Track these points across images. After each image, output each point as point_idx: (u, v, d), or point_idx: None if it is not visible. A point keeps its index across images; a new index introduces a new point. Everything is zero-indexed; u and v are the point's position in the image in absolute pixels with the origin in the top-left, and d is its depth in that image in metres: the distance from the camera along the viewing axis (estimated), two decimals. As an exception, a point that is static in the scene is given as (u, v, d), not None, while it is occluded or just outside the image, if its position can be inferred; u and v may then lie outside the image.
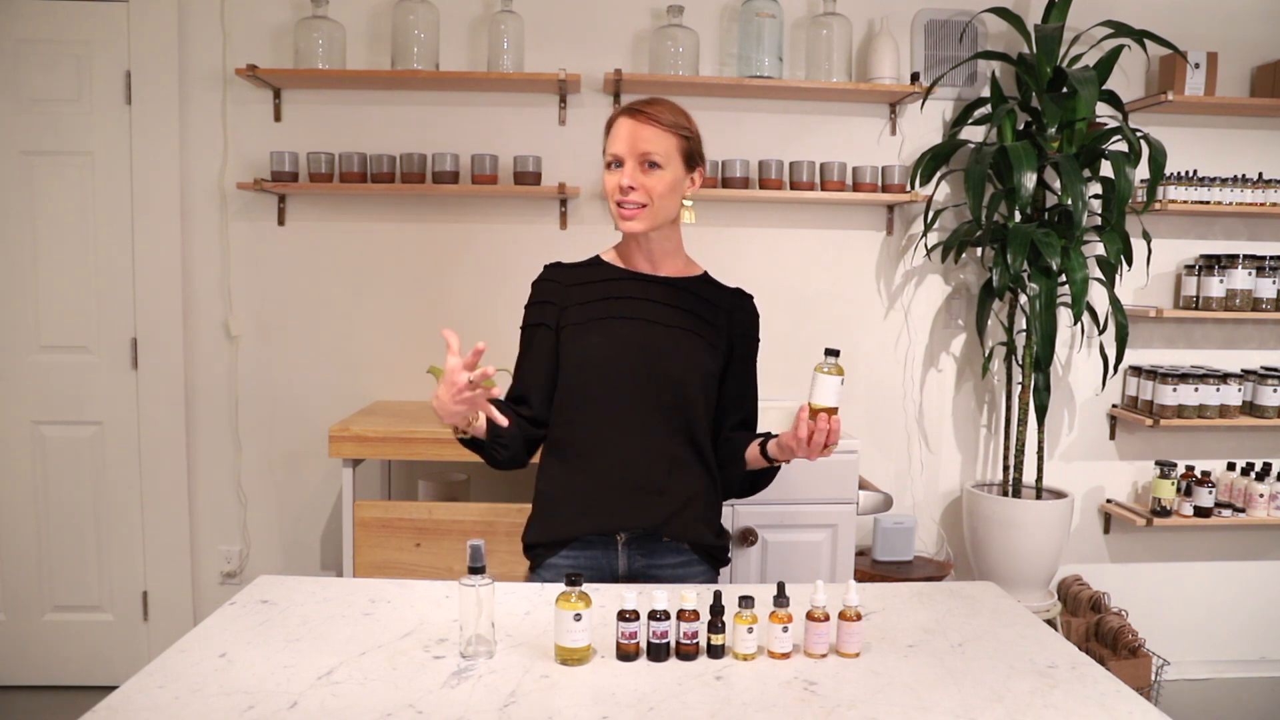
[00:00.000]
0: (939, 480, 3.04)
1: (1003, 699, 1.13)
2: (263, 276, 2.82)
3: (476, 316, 2.85)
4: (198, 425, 2.85)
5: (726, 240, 2.88)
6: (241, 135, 2.77)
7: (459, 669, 1.18)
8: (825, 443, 1.43)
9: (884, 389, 2.98)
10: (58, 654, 2.86)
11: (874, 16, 2.84)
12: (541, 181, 2.73)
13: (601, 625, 1.29)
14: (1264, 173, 2.95)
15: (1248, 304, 2.86)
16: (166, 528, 2.85)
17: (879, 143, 2.91)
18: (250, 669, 1.16)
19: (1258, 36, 2.96)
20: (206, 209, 2.79)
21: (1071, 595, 2.98)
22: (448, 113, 2.80)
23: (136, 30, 2.70)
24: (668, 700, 1.11)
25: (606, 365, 1.55)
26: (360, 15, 2.76)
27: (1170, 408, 2.82)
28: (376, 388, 2.87)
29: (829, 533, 2.36)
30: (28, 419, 2.80)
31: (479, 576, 1.20)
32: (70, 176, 2.74)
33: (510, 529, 2.34)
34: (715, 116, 2.81)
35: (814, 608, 1.24)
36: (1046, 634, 1.34)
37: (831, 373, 1.41)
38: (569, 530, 1.56)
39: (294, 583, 1.47)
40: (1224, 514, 2.87)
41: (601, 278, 1.63)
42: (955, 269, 2.96)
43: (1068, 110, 2.59)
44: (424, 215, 2.83)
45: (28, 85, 2.70)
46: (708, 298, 1.64)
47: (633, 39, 2.82)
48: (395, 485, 2.88)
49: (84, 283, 2.78)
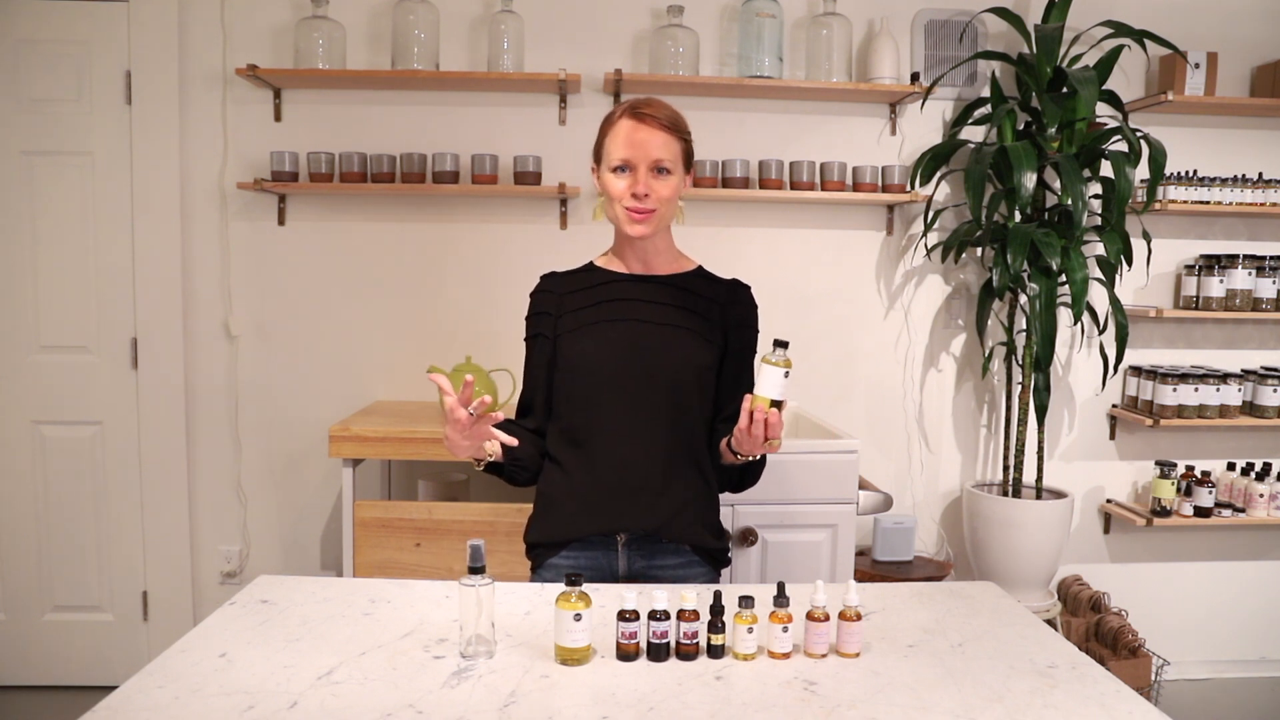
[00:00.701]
0: (939, 480, 3.04)
1: (1003, 699, 1.13)
2: (263, 276, 2.82)
3: (476, 316, 2.85)
4: (198, 425, 2.85)
5: (726, 240, 2.88)
6: (241, 135, 2.77)
7: (459, 669, 1.18)
8: (766, 436, 1.39)
9: (884, 389, 2.98)
10: (58, 654, 2.86)
11: (874, 16, 2.84)
12: (541, 181, 2.73)
13: (601, 625, 1.29)
14: (1264, 173, 2.95)
15: (1248, 304, 2.86)
16: (166, 528, 2.85)
17: (879, 143, 2.91)
18: (250, 669, 1.16)
19: (1258, 36, 2.96)
20: (206, 209, 2.79)
21: (1071, 595, 2.98)
22: (448, 113, 2.80)
23: (136, 30, 2.70)
24: (668, 700, 1.11)
25: (601, 367, 1.56)
26: (360, 15, 2.76)
27: (1170, 408, 2.82)
28: (376, 388, 2.87)
29: (829, 533, 2.36)
30: (28, 419, 2.80)
31: (479, 576, 1.20)
32: (70, 176, 2.74)
33: (510, 529, 2.34)
34: (715, 116, 2.81)
35: (814, 608, 1.24)
36: (1046, 634, 1.34)
37: (778, 364, 1.36)
38: (569, 531, 1.57)
39: (294, 583, 1.47)
40: (1224, 514, 2.87)
41: (595, 282, 1.63)
42: (955, 269, 2.96)
43: (1068, 110, 2.59)
44: (424, 215, 2.83)
45: (28, 85, 2.70)
46: (702, 292, 1.64)
47: (633, 39, 2.82)
48: (395, 485, 2.88)
49: (84, 283, 2.78)
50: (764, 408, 1.36)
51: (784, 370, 1.36)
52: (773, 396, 1.37)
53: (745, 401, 1.38)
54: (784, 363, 1.36)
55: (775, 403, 1.37)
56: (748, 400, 1.38)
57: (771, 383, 1.36)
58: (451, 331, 2.85)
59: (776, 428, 1.38)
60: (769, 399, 1.36)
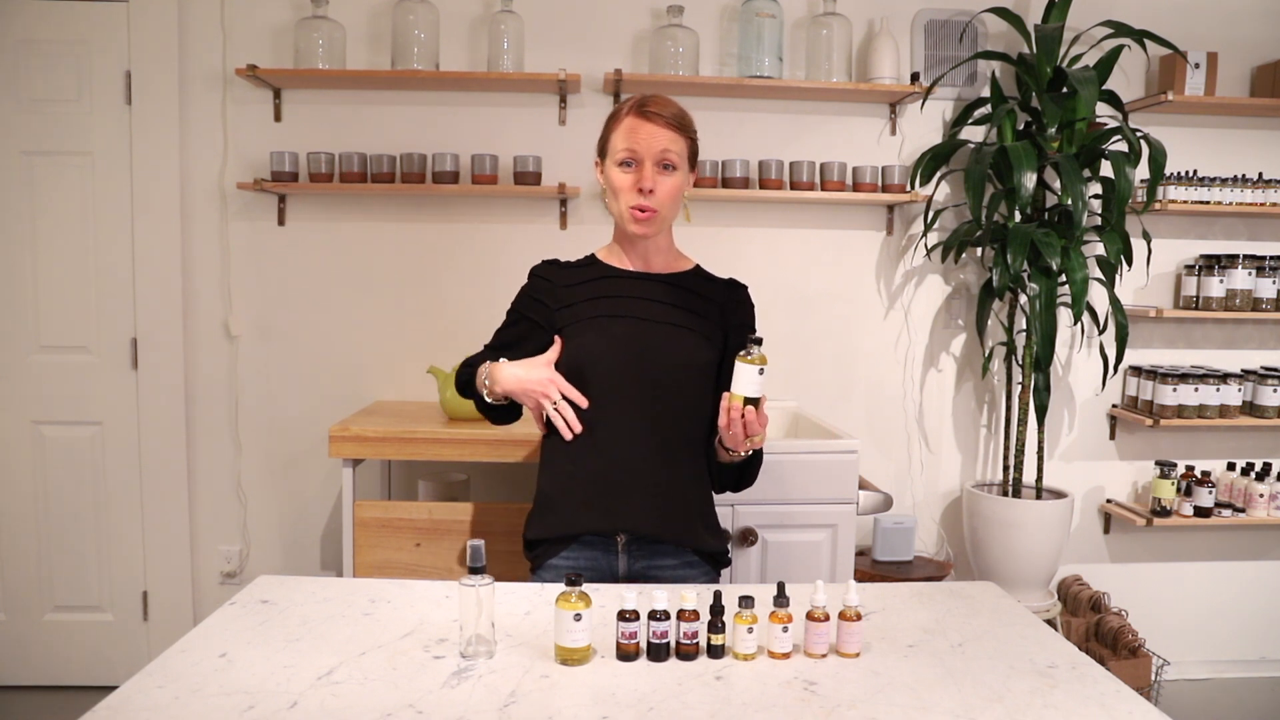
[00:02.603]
0: (939, 480, 3.04)
1: (1003, 699, 1.13)
2: (263, 276, 2.82)
3: (476, 316, 2.84)
4: (198, 425, 2.85)
5: (727, 240, 2.88)
6: (241, 135, 2.77)
7: (459, 669, 1.18)
8: (745, 434, 1.39)
9: (884, 389, 2.98)
10: (58, 654, 2.86)
11: (874, 16, 2.84)
12: (541, 181, 2.73)
13: (601, 625, 1.29)
14: (1264, 173, 2.95)
15: (1248, 304, 2.86)
16: (166, 528, 2.85)
17: (879, 143, 2.91)
18: (250, 669, 1.16)
19: (1258, 36, 2.96)
20: (206, 209, 2.79)
21: (1071, 595, 2.98)
22: (448, 113, 2.80)
23: (136, 30, 2.70)
24: (668, 700, 1.11)
25: (602, 364, 1.56)
26: (360, 15, 2.76)
27: (1170, 408, 2.82)
28: (376, 388, 2.87)
29: (829, 533, 2.36)
30: (28, 419, 2.80)
31: (479, 576, 1.20)
32: (70, 176, 2.74)
33: (510, 529, 2.33)
34: (715, 116, 2.81)
35: (814, 608, 1.24)
36: (1046, 634, 1.34)
37: (754, 361, 1.36)
38: (570, 527, 1.57)
39: (294, 583, 1.47)
40: (1224, 514, 2.87)
41: (596, 276, 1.63)
42: (955, 269, 2.96)
43: (1068, 110, 2.59)
44: (424, 215, 2.83)
45: (28, 85, 2.70)
46: (700, 291, 1.64)
47: (633, 39, 2.82)
48: (395, 485, 2.88)
49: (84, 283, 2.78)
50: (739, 405, 1.37)
51: (758, 368, 1.36)
52: (747, 394, 1.37)
53: (723, 399, 1.39)
54: (758, 360, 1.36)
55: (751, 400, 1.37)
56: (725, 398, 1.39)
57: (746, 380, 1.37)
58: (451, 331, 2.85)
59: (755, 425, 1.38)
60: (743, 396, 1.37)
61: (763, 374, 1.37)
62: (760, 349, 1.37)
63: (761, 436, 1.40)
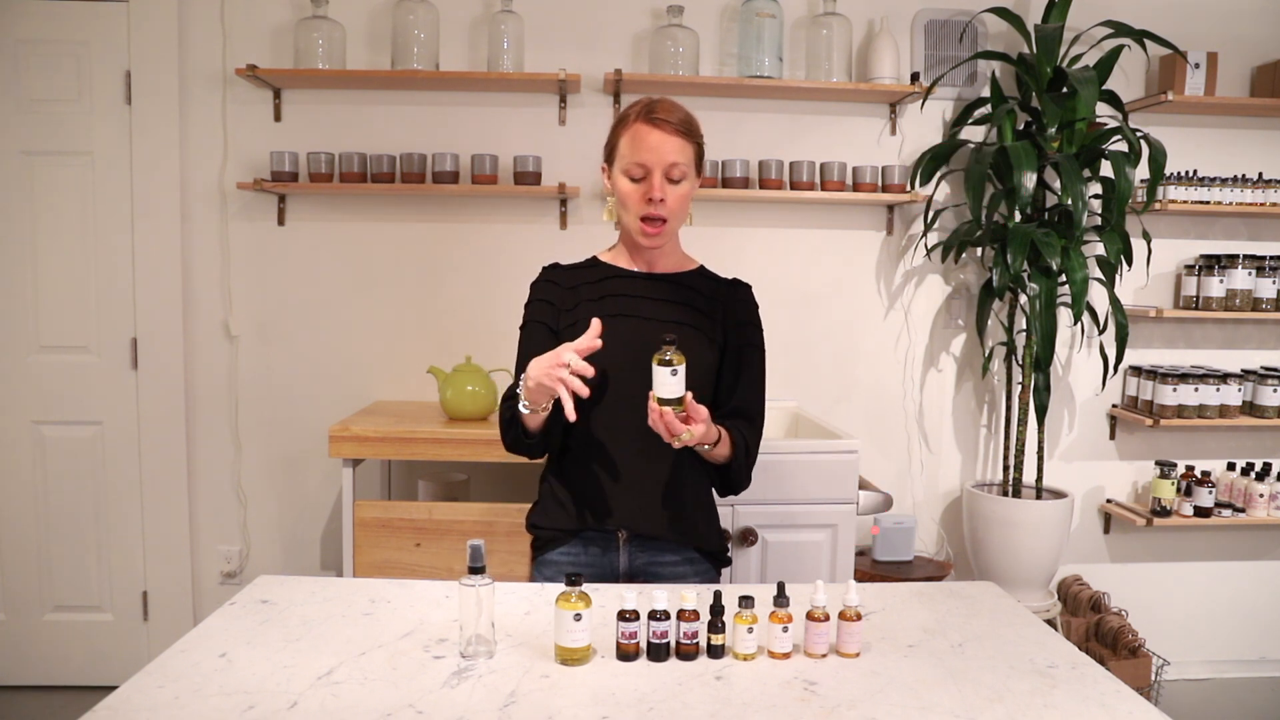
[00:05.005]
0: (939, 480, 3.04)
1: (1003, 699, 1.13)
2: (263, 276, 2.82)
3: (476, 316, 2.85)
4: (198, 425, 2.85)
5: (727, 240, 2.88)
6: (241, 135, 2.77)
7: (459, 669, 1.18)
8: (669, 432, 1.39)
9: (884, 389, 2.98)
10: (58, 654, 2.86)
11: (874, 16, 2.84)
12: (541, 181, 2.73)
13: (601, 625, 1.29)
14: (1264, 173, 2.95)
15: (1248, 304, 2.86)
16: (166, 528, 2.85)
17: (879, 143, 2.91)
18: (250, 669, 1.16)
19: (1258, 36, 2.96)
20: (206, 209, 2.79)
21: (1071, 595, 2.98)
22: (448, 113, 2.80)
23: (136, 30, 2.70)
24: (668, 700, 1.11)
25: (609, 364, 1.56)
26: (360, 15, 2.76)
27: (1170, 408, 2.82)
28: (376, 388, 2.87)
29: (829, 533, 2.36)
30: (28, 419, 2.80)
31: (479, 576, 1.20)
32: (70, 176, 2.74)
33: (510, 529, 2.34)
34: (715, 116, 2.81)
35: (814, 608, 1.24)
36: (1046, 634, 1.34)
37: (672, 361, 1.36)
38: (573, 522, 1.57)
39: (294, 583, 1.47)
40: (1224, 514, 2.87)
41: (599, 278, 1.64)
42: (955, 269, 2.96)
43: (1068, 110, 2.59)
44: (424, 215, 2.83)
45: (28, 85, 2.70)
46: (704, 291, 1.65)
47: (633, 39, 2.82)
48: (395, 485, 2.88)
49: (84, 283, 2.78)
50: (656, 406, 1.38)
51: (669, 369, 1.36)
52: (661, 395, 1.38)
53: (650, 401, 1.39)
54: (675, 360, 1.36)
55: (668, 400, 1.37)
56: (651, 399, 1.39)
57: (660, 381, 1.37)
58: (451, 331, 2.85)
59: (676, 424, 1.38)
60: (661, 397, 1.38)
61: (676, 374, 1.37)
62: (672, 349, 1.37)
63: (690, 434, 1.40)
